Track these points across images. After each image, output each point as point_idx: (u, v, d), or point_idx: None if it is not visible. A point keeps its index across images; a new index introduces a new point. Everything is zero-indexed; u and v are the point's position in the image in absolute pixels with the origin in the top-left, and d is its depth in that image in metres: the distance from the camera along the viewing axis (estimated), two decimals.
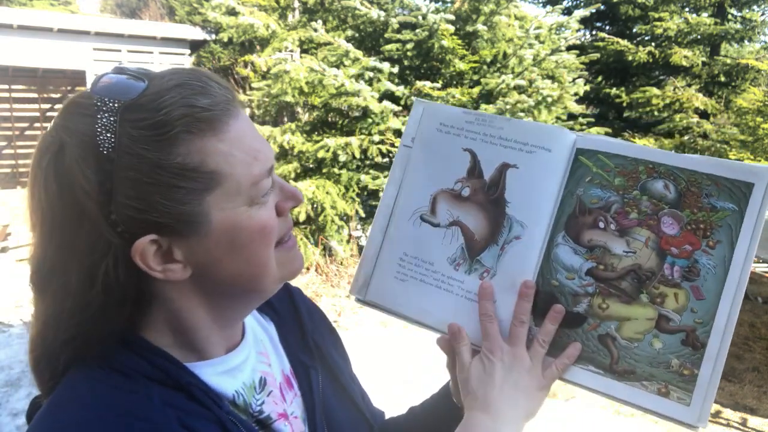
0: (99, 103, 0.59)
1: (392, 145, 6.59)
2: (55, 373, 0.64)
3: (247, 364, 0.73)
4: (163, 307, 0.65)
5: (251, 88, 8.11)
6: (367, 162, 7.04)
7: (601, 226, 0.77)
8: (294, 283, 0.88)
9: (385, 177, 6.36)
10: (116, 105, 0.58)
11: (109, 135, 0.57)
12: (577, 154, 0.80)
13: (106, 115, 0.58)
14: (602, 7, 9.80)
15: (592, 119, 8.64)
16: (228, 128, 0.62)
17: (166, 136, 0.58)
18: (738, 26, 9.45)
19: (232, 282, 0.66)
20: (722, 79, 9.50)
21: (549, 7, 9.40)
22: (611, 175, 0.78)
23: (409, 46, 6.77)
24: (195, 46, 9.28)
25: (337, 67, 6.69)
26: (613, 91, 9.47)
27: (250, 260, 0.65)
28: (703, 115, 9.27)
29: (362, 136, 6.62)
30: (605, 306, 0.75)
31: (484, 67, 7.25)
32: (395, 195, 0.88)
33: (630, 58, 9.23)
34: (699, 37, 9.39)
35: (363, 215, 6.89)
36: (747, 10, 9.69)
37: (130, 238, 0.59)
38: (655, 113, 9.13)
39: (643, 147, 0.79)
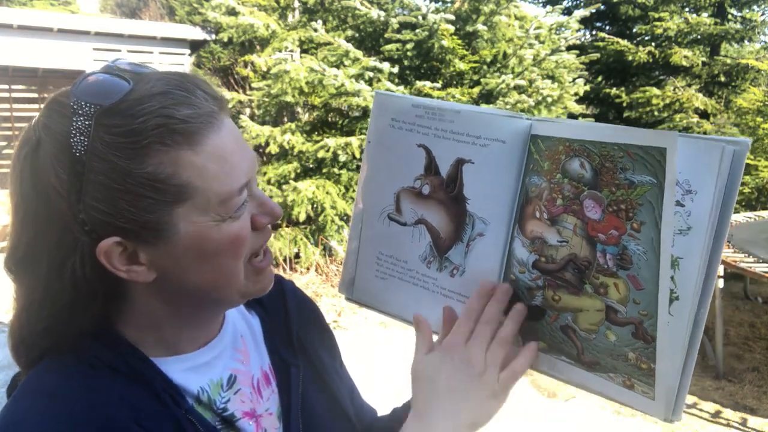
0: (75, 106, 0.59)
1: None
2: (31, 360, 0.66)
3: (218, 360, 0.73)
4: (132, 304, 0.67)
5: (251, 88, 8.10)
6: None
7: (537, 216, 0.72)
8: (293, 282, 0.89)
9: None
10: (92, 109, 0.58)
11: (82, 138, 0.58)
12: (531, 141, 0.74)
13: (81, 118, 0.58)
14: (602, 7, 9.79)
15: (593, 119, 8.65)
16: (206, 141, 0.61)
17: (139, 145, 0.58)
18: (738, 26, 9.44)
19: (195, 290, 0.66)
20: (722, 79, 9.50)
21: (549, 7, 9.40)
22: (543, 159, 0.72)
23: (409, 46, 6.77)
24: (195, 46, 9.28)
25: (337, 67, 6.69)
26: (613, 91, 9.46)
27: (216, 271, 0.65)
28: (703, 115, 9.27)
29: (362, 136, 6.62)
30: (557, 298, 0.72)
31: (484, 67, 7.24)
32: (363, 195, 0.87)
33: (630, 58, 9.23)
34: (699, 37, 9.38)
35: None
36: (747, 10, 9.69)
37: (97, 237, 0.60)
38: (655, 113, 9.12)
39: (568, 122, 0.71)
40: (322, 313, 0.95)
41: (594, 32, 10.59)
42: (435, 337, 0.79)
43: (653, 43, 9.61)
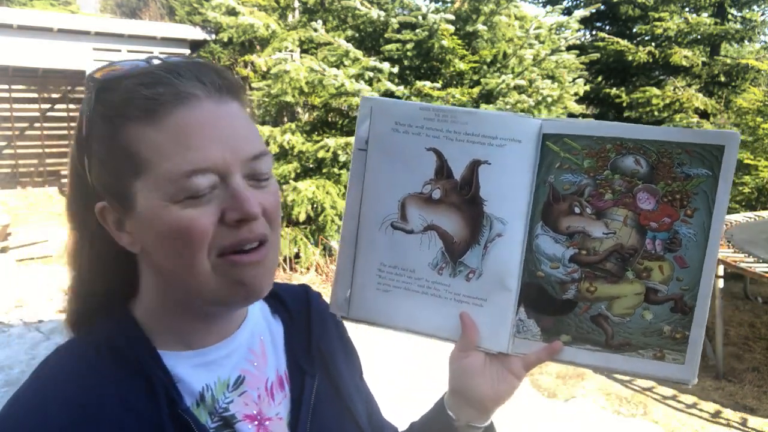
0: (91, 83, 0.66)
1: None
2: (78, 323, 0.74)
3: (229, 359, 0.73)
4: (146, 291, 0.70)
5: (251, 88, 8.10)
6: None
7: (577, 212, 0.77)
8: (294, 282, 0.88)
9: None
10: (92, 84, 0.66)
11: (87, 111, 0.66)
12: (544, 140, 0.77)
13: (89, 94, 0.66)
14: (602, 7, 9.79)
15: (593, 119, 8.63)
16: (168, 119, 0.62)
17: (114, 117, 0.64)
18: (738, 26, 9.44)
19: (169, 274, 0.67)
20: (722, 79, 9.50)
21: (549, 7, 9.40)
22: (579, 158, 0.76)
23: (409, 46, 6.76)
24: (195, 46, 9.28)
25: (337, 67, 6.68)
26: (613, 91, 9.46)
27: (175, 257, 0.64)
28: (703, 115, 9.27)
29: None
30: (593, 289, 0.77)
31: (484, 67, 7.24)
32: (359, 204, 0.83)
33: (630, 58, 9.23)
34: (699, 37, 9.38)
35: None
36: (747, 10, 9.69)
37: (99, 201, 0.67)
38: (655, 113, 9.12)
39: (608, 124, 0.77)
40: (345, 328, 0.92)
41: (594, 32, 10.59)
42: (451, 345, 0.83)
43: (653, 43, 9.61)
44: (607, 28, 10.46)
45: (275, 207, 0.69)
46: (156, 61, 0.68)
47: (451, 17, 6.64)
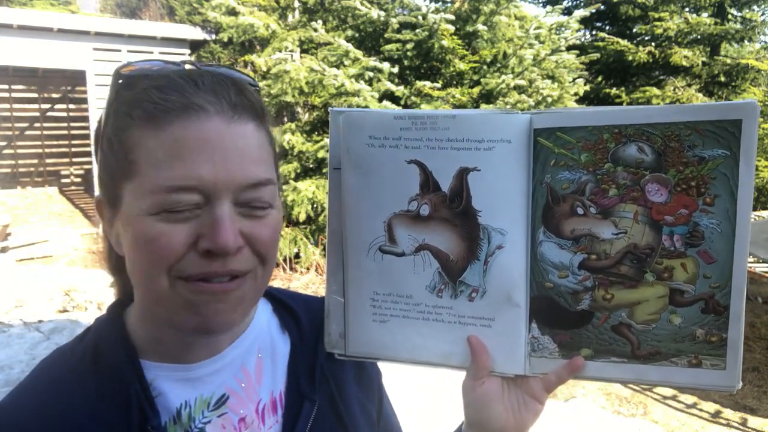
0: (115, 77, 0.66)
1: None
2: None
3: (216, 376, 0.69)
4: (135, 293, 0.68)
5: None
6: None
7: (580, 212, 0.68)
8: (294, 283, 0.85)
9: None
10: (116, 79, 0.66)
11: (108, 104, 0.67)
12: (535, 135, 0.69)
13: (113, 88, 0.66)
14: (602, 7, 9.80)
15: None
16: (167, 128, 0.59)
17: (121, 114, 0.63)
18: (738, 26, 9.45)
19: (136, 284, 0.65)
20: (722, 79, 9.50)
21: (549, 7, 9.40)
22: (575, 152, 0.68)
23: (409, 46, 6.77)
24: (195, 46, 9.28)
25: (337, 67, 6.69)
26: (613, 91, 9.47)
27: (139, 267, 0.62)
28: None
29: None
30: (609, 296, 0.68)
31: (484, 67, 7.24)
32: (341, 230, 0.75)
33: (630, 58, 9.23)
34: (699, 37, 9.39)
35: None
36: (747, 10, 9.69)
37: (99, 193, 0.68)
38: None
39: (604, 110, 0.68)
40: None
41: (594, 32, 10.59)
42: (462, 373, 0.76)
43: (653, 43, 9.61)
44: (607, 28, 10.47)
45: (268, 240, 0.63)
46: (188, 66, 0.66)
47: (451, 17, 6.64)
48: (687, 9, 9.68)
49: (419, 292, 0.74)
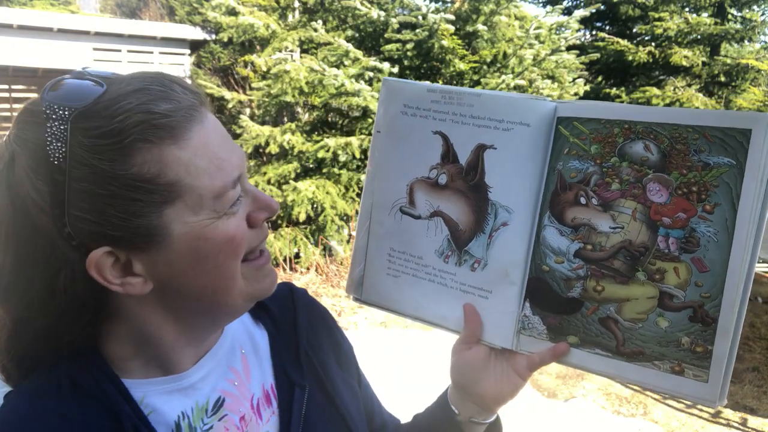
0: (48, 111, 0.55)
1: None
2: (19, 377, 0.65)
3: (207, 381, 0.68)
4: (125, 320, 0.62)
5: (251, 88, 8.10)
6: (367, 162, 7.04)
7: (583, 202, 0.70)
8: (294, 283, 0.86)
9: None
10: (67, 113, 0.55)
11: (59, 144, 0.54)
12: (557, 123, 0.71)
13: (56, 123, 0.54)
14: (602, 7, 9.79)
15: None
16: (190, 135, 0.58)
17: (120, 145, 0.54)
18: (738, 26, 9.45)
19: (197, 296, 0.62)
20: (722, 79, 9.50)
21: (549, 7, 9.40)
22: (587, 142, 0.69)
23: (409, 46, 6.77)
24: (195, 46, 9.27)
25: (337, 67, 6.69)
26: (613, 91, 9.47)
27: (214, 273, 0.61)
28: None
29: (362, 136, 6.62)
30: (600, 288, 0.69)
31: (484, 67, 7.24)
32: (372, 188, 0.82)
33: (630, 58, 9.23)
34: (699, 37, 9.39)
35: None
36: (747, 10, 9.69)
37: (86, 251, 0.56)
38: None
39: (620, 106, 0.69)
40: (336, 324, 0.87)
41: (594, 32, 10.59)
42: (455, 336, 0.80)
43: (653, 43, 9.61)
44: (607, 28, 10.47)
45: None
46: (92, 71, 0.61)
47: (451, 17, 6.64)
48: (687, 9, 9.68)
49: (429, 255, 0.79)
